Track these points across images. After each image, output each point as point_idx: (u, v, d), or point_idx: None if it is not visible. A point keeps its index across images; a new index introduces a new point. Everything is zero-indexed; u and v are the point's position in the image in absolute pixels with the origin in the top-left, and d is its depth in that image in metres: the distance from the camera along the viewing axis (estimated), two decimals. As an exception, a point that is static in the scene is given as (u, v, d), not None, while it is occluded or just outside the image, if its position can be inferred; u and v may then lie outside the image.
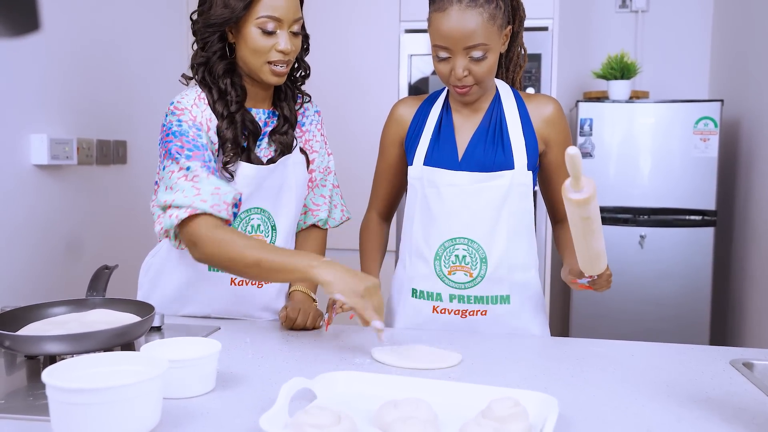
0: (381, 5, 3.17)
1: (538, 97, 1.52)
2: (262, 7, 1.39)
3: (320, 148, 1.63)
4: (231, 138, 1.42)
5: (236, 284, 1.53)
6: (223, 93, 1.45)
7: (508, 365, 1.24)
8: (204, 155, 1.38)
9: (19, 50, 2.07)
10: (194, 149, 1.38)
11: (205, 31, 1.44)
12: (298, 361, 1.24)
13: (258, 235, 1.50)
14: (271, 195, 1.51)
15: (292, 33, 1.43)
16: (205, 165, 1.37)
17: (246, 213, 1.49)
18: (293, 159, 1.54)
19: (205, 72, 1.46)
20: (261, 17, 1.39)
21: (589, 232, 1.13)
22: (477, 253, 1.45)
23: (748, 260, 3.20)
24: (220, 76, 1.45)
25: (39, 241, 2.18)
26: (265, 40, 1.40)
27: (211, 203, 1.33)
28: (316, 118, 1.64)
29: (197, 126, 1.41)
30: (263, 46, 1.40)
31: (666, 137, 3.26)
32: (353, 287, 1.23)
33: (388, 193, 1.64)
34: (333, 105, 1.74)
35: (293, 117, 1.55)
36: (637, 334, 3.19)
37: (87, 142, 2.36)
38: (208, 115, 1.44)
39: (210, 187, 1.34)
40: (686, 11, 3.77)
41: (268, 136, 1.52)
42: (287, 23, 1.41)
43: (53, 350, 1.08)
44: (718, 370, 1.22)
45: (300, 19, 1.45)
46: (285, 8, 1.40)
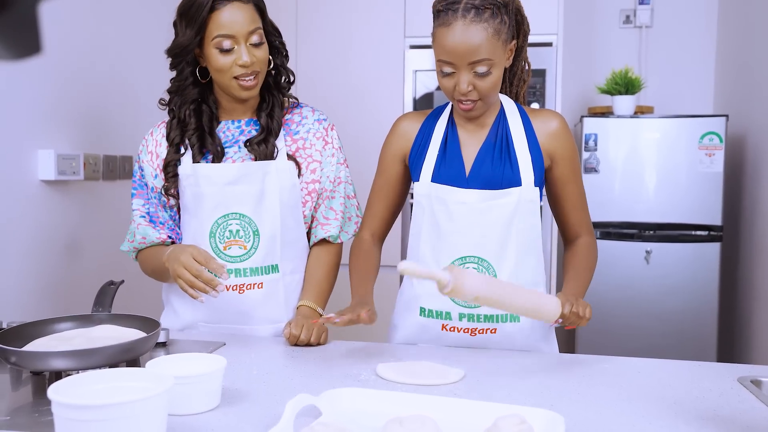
0: (386, 21, 3.19)
1: (542, 112, 1.51)
2: (213, 27, 1.46)
3: (325, 158, 1.62)
4: (172, 163, 1.56)
5: (229, 289, 1.53)
6: (181, 121, 1.57)
7: (514, 382, 1.23)
8: (146, 193, 1.62)
9: (26, 67, 2.09)
10: (138, 188, 1.63)
11: (174, 61, 1.55)
12: (303, 378, 1.23)
13: (237, 241, 1.54)
14: (251, 201, 1.54)
15: (252, 45, 1.48)
16: (148, 202, 1.61)
17: (223, 218, 1.54)
18: (276, 165, 1.55)
19: (177, 99, 1.58)
20: (215, 37, 1.47)
21: (498, 304, 1.19)
22: (487, 271, 1.44)
23: (755, 276, 3.19)
24: (186, 104, 1.57)
25: (45, 257, 2.19)
26: (225, 58, 1.47)
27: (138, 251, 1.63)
28: (316, 126, 1.63)
29: (141, 166, 1.62)
30: (224, 64, 1.48)
31: (671, 152, 3.26)
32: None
33: (384, 211, 1.59)
34: (338, 120, 1.74)
35: (276, 125, 1.58)
36: (643, 349, 3.17)
37: (94, 157, 2.38)
38: (162, 140, 1.60)
39: (139, 237, 1.60)
40: (690, 27, 3.78)
41: (244, 144, 1.57)
42: (243, 37, 1.47)
43: (59, 366, 1.08)
44: (726, 387, 1.21)
45: (258, 29, 1.49)
46: (236, 24, 1.46)
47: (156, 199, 1.60)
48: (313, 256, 1.65)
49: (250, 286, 1.55)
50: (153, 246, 1.60)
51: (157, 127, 1.64)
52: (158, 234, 1.58)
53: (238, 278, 1.54)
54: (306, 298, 1.59)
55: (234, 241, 1.54)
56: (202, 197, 1.54)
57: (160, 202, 1.60)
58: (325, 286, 1.63)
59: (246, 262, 1.54)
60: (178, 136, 1.56)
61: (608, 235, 3.29)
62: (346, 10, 3.21)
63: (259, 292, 1.56)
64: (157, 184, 1.59)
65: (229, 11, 1.45)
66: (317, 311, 1.57)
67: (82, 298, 1.92)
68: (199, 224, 1.55)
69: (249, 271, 1.55)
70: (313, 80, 3.22)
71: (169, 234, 1.59)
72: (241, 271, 1.54)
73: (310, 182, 1.61)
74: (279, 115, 1.59)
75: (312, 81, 3.21)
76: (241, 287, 1.55)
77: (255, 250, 1.55)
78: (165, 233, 1.59)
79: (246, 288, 1.55)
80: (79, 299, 2.16)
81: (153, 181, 1.60)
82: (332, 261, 1.65)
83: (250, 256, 1.54)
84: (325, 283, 1.63)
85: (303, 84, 3.15)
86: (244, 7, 1.47)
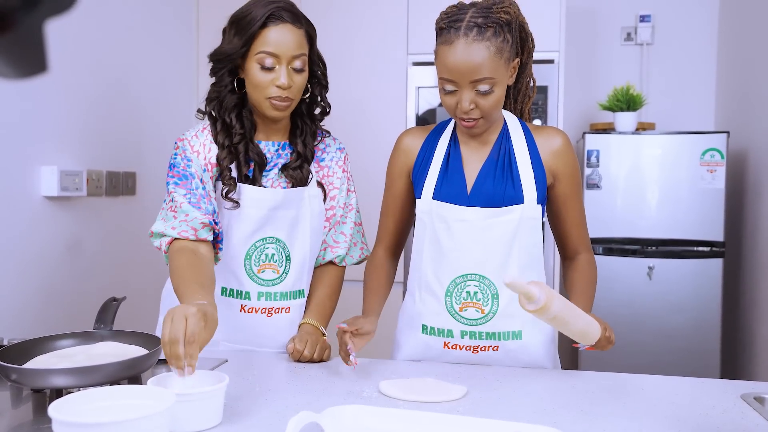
0: (389, 38, 3.21)
1: (546, 130, 1.51)
2: (260, 43, 1.45)
3: (341, 185, 1.64)
4: (228, 167, 1.50)
5: (245, 311, 1.54)
6: (226, 125, 1.52)
7: (517, 399, 1.23)
8: (190, 183, 1.48)
9: (29, 83, 2.10)
10: (182, 179, 1.49)
11: (215, 66, 1.52)
12: (305, 395, 1.23)
13: (271, 265, 1.54)
14: (286, 226, 1.55)
15: (294, 69, 1.48)
16: (190, 193, 1.47)
17: (261, 242, 1.54)
18: (309, 192, 1.57)
19: (216, 106, 1.53)
20: (260, 53, 1.45)
21: (562, 324, 1.18)
22: (488, 289, 1.44)
23: (758, 291, 3.18)
24: (228, 110, 1.52)
25: (48, 273, 2.19)
26: (264, 75, 1.46)
27: (178, 230, 1.44)
28: (338, 155, 1.66)
29: (188, 157, 1.50)
30: (262, 81, 1.46)
31: (673, 168, 3.26)
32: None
33: (396, 226, 1.60)
34: (340, 136, 1.75)
35: (309, 153, 1.59)
36: (646, 366, 3.15)
37: (97, 173, 2.39)
38: (209, 145, 1.52)
39: (181, 215, 1.45)
40: (691, 44, 3.80)
41: (281, 169, 1.55)
42: (286, 59, 1.46)
43: (59, 384, 1.08)
44: (729, 404, 1.20)
45: (302, 55, 1.49)
46: (283, 44, 1.45)
47: (202, 190, 1.48)
48: (317, 276, 1.65)
49: (278, 310, 1.57)
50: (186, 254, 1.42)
51: (200, 131, 1.55)
52: (202, 214, 1.45)
53: (269, 302, 1.55)
54: (309, 316, 1.59)
55: (268, 265, 1.55)
56: (243, 218, 1.52)
57: (206, 195, 1.48)
58: (328, 307, 1.64)
59: (278, 287, 1.56)
60: (227, 140, 1.52)
61: (611, 251, 3.29)
62: (349, 27, 3.23)
63: (287, 316, 1.58)
64: (206, 179, 1.50)
65: (280, 31, 1.45)
66: (320, 329, 1.57)
67: (84, 314, 1.92)
68: (236, 244, 1.53)
69: (279, 296, 1.56)
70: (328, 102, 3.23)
71: (214, 219, 1.47)
72: (272, 295, 1.55)
73: (329, 209, 1.63)
74: (311, 143, 1.60)
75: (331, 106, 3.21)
76: (270, 311, 1.56)
77: (286, 275, 1.56)
78: (209, 216, 1.46)
79: (275, 312, 1.56)
80: (80, 316, 2.16)
81: (202, 174, 1.50)
82: (336, 283, 1.66)
83: (282, 281, 1.56)
84: (328, 303, 1.64)
85: (305, 100, 3.17)
86: (295, 31, 1.47)
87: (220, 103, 1.53)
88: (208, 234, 1.45)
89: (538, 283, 1.10)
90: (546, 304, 1.09)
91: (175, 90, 2.96)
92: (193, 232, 1.44)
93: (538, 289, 1.08)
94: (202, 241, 1.44)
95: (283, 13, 1.46)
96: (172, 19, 2.95)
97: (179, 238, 1.44)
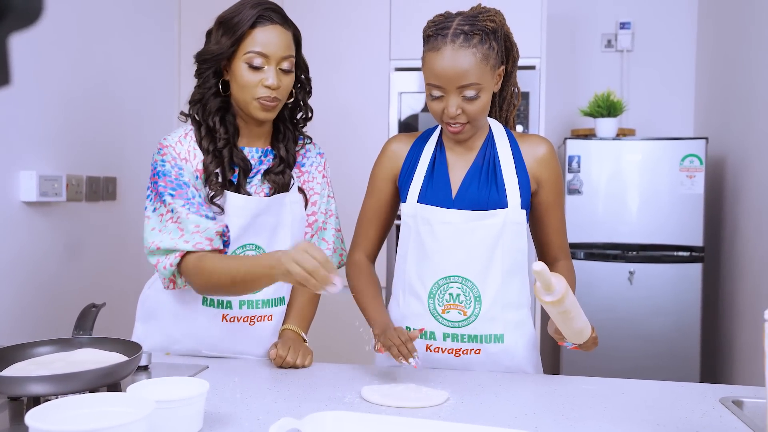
0: (371, 44, 3.22)
1: (531, 138, 1.53)
2: (249, 42, 1.45)
3: (321, 191, 1.64)
4: (215, 172, 1.47)
5: (227, 320, 1.53)
6: (211, 130, 1.50)
7: (499, 404, 1.23)
8: (187, 193, 1.44)
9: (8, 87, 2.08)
10: (177, 188, 1.45)
11: (200, 67, 1.50)
12: (286, 401, 1.23)
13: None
14: (266, 232, 1.53)
15: (282, 70, 1.47)
16: (188, 203, 1.43)
17: (241, 249, 1.52)
18: (290, 198, 1.56)
19: (199, 109, 1.52)
20: (249, 52, 1.45)
21: (568, 319, 1.25)
22: (471, 291, 1.45)
23: (736, 296, 3.22)
24: (212, 114, 1.50)
25: (26, 279, 2.16)
26: (253, 75, 1.45)
27: (193, 242, 1.41)
28: (318, 160, 1.66)
29: (179, 165, 1.47)
30: (250, 81, 1.45)
31: (653, 174, 3.30)
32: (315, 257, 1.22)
33: (378, 232, 1.60)
34: (323, 141, 1.75)
35: (291, 158, 1.58)
36: (628, 370, 3.17)
37: (76, 178, 2.36)
38: (194, 151, 1.49)
39: (191, 226, 1.41)
40: (670, 51, 3.85)
41: (263, 174, 1.54)
42: (275, 60, 1.46)
43: (37, 391, 1.06)
44: (708, 408, 1.21)
45: (290, 57, 1.49)
46: (273, 45, 1.45)
47: (199, 198, 1.45)
48: None
49: (261, 318, 1.56)
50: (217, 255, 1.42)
51: (183, 136, 1.51)
52: (214, 222, 1.43)
53: (251, 310, 1.54)
54: (290, 322, 1.59)
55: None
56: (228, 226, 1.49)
57: (203, 203, 1.46)
58: (308, 312, 1.63)
59: (258, 294, 1.54)
60: (212, 144, 1.49)
61: (592, 255, 3.31)
62: (332, 33, 3.23)
63: (269, 324, 1.57)
64: (198, 186, 1.48)
65: (270, 31, 1.45)
66: (301, 335, 1.57)
67: (63, 321, 1.90)
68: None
69: (261, 303, 1.55)
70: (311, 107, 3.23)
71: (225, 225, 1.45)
72: (254, 303, 1.54)
73: (311, 214, 1.62)
74: (293, 149, 1.60)
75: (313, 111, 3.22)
76: (252, 319, 1.55)
77: None
78: (220, 223, 1.44)
79: (257, 320, 1.55)
80: (59, 322, 2.14)
81: (195, 182, 1.47)
82: None
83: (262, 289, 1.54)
84: (308, 309, 1.63)
85: (288, 105, 3.16)
86: (284, 32, 1.47)
87: (203, 106, 1.51)
88: (220, 243, 1.44)
89: (558, 275, 1.16)
90: (562, 297, 1.16)
91: (156, 94, 2.94)
92: (209, 242, 1.41)
93: (558, 281, 1.15)
94: (215, 251, 1.43)
95: (273, 15, 1.46)
96: (153, 22, 2.94)
97: (194, 250, 1.41)
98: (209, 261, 1.39)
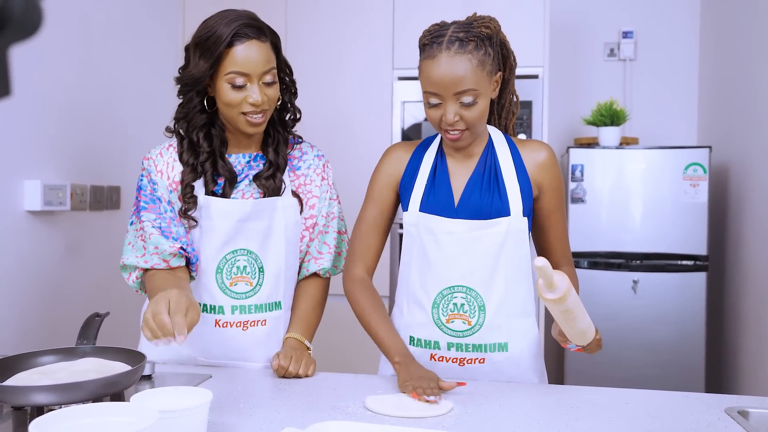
0: (374, 53, 3.23)
1: (531, 143, 1.53)
2: (228, 63, 1.44)
3: (321, 194, 1.63)
4: (190, 185, 1.50)
5: (220, 326, 1.53)
6: (193, 144, 1.53)
7: (502, 414, 1.23)
8: (159, 208, 1.51)
9: (12, 97, 2.09)
10: (150, 203, 1.52)
11: (182, 89, 1.52)
12: (290, 411, 1.22)
13: (244, 277, 1.53)
14: (258, 237, 1.53)
15: (265, 83, 1.47)
16: (159, 217, 1.50)
17: (232, 254, 1.52)
18: (282, 202, 1.55)
19: (183, 125, 1.54)
20: (229, 73, 1.45)
21: (571, 319, 1.24)
22: (475, 301, 1.45)
23: (741, 305, 3.20)
24: (196, 128, 1.53)
25: (30, 288, 2.17)
26: (236, 94, 1.46)
27: (151, 263, 1.49)
28: (315, 162, 1.64)
29: (153, 180, 1.53)
30: (234, 100, 1.46)
31: (656, 183, 3.29)
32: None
33: (379, 242, 1.55)
34: (326, 150, 1.75)
35: (282, 161, 1.58)
36: (632, 379, 3.16)
37: (81, 187, 2.37)
38: (173, 163, 1.54)
39: (151, 247, 1.48)
40: (672, 60, 3.86)
41: (252, 179, 1.55)
42: (256, 76, 1.45)
43: (40, 401, 1.06)
44: (713, 418, 1.21)
45: (272, 69, 1.48)
46: (252, 63, 1.44)
47: (171, 212, 1.51)
48: (301, 289, 1.64)
49: (254, 323, 1.55)
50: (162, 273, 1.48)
51: (165, 148, 1.56)
52: (171, 244, 1.48)
53: (243, 315, 1.54)
54: (293, 330, 1.58)
55: (241, 278, 1.53)
56: (213, 231, 1.51)
57: (175, 217, 1.51)
58: (313, 320, 1.62)
59: (251, 299, 1.54)
60: (192, 158, 1.52)
61: (595, 264, 3.30)
62: (335, 42, 3.24)
63: (263, 329, 1.56)
64: (173, 199, 1.52)
65: (247, 49, 1.44)
66: (304, 343, 1.56)
67: (67, 330, 1.90)
68: (206, 258, 1.53)
69: (254, 308, 1.55)
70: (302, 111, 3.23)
71: (182, 246, 1.49)
72: (246, 308, 1.54)
73: (309, 218, 1.62)
74: (284, 151, 1.60)
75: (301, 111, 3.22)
76: (245, 324, 1.54)
77: (260, 287, 1.54)
78: (178, 244, 1.48)
79: (250, 325, 1.55)
80: (63, 331, 2.14)
81: (169, 196, 1.52)
82: (320, 295, 1.65)
83: (255, 293, 1.54)
84: (313, 316, 1.62)
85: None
86: (262, 46, 1.46)
87: (188, 123, 1.53)
88: (180, 261, 1.49)
89: (560, 273, 1.16)
90: (564, 295, 1.16)
91: (160, 103, 2.95)
92: (165, 263, 1.48)
93: (560, 278, 1.15)
94: (176, 268, 1.49)
95: (248, 30, 1.44)
96: (157, 31, 2.95)
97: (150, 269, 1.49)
98: (152, 280, 1.48)
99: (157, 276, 1.47)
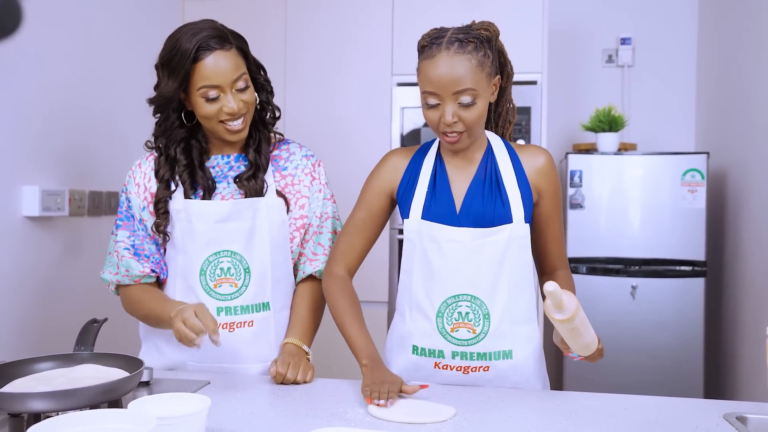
0: (374, 59, 3.23)
1: (530, 148, 1.53)
2: (198, 78, 1.45)
3: (312, 194, 1.63)
4: (163, 200, 1.54)
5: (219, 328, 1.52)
6: (170, 159, 1.55)
7: (502, 420, 1.23)
8: (132, 225, 1.57)
9: (11, 101, 2.09)
10: (125, 219, 1.58)
11: (156, 110, 1.54)
12: (289, 417, 1.22)
13: (228, 279, 1.53)
14: (242, 238, 1.53)
15: (238, 90, 1.48)
16: (133, 234, 1.56)
17: (215, 256, 1.53)
18: (266, 202, 1.55)
19: (162, 141, 1.57)
20: (201, 88, 1.46)
21: (577, 335, 1.25)
22: (480, 309, 1.44)
23: (739, 310, 3.20)
24: (175, 143, 1.55)
25: (28, 293, 2.16)
26: (211, 106, 1.47)
27: (123, 282, 1.57)
28: (304, 162, 1.64)
29: (129, 198, 1.58)
30: (210, 112, 1.48)
31: (654, 189, 3.30)
32: None
33: (364, 246, 1.54)
34: (325, 156, 1.75)
35: (264, 161, 1.58)
36: (630, 384, 3.16)
37: (79, 193, 2.37)
38: (150, 173, 1.57)
39: (122, 269, 1.55)
40: (670, 66, 3.87)
41: (233, 180, 1.56)
42: (228, 85, 1.46)
43: (37, 408, 1.06)
44: (711, 424, 1.21)
45: (243, 74, 1.49)
46: (221, 73, 1.45)
47: (143, 231, 1.56)
48: (298, 293, 1.64)
49: (241, 324, 1.54)
50: (145, 286, 1.56)
51: (145, 159, 1.61)
52: (141, 267, 1.53)
53: (229, 316, 1.53)
54: (291, 335, 1.57)
55: (225, 279, 1.53)
56: (194, 234, 1.52)
57: (147, 234, 1.56)
58: (311, 324, 1.61)
59: (237, 300, 1.53)
60: (168, 173, 1.54)
61: (594, 270, 3.30)
62: (335, 48, 3.25)
63: (250, 330, 1.55)
64: (145, 217, 1.56)
65: (213, 60, 1.44)
66: (302, 348, 1.55)
67: (65, 336, 1.90)
68: (189, 261, 1.53)
69: (240, 309, 1.54)
70: (301, 117, 3.25)
71: (153, 267, 1.55)
72: (232, 309, 1.53)
73: (299, 218, 1.61)
74: (266, 151, 1.59)
75: (300, 118, 3.23)
76: (232, 326, 1.53)
77: (246, 288, 1.54)
78: (148, 267, 1.54)
79: (237, 326, 1.54)
80: (61, 338, 2.13)
81: (141, 213, 1.56)
82: (318, 298, 1.64)
83: (241, 294, 1.54)
84: (311, 320, 1.62)
85: (291, 121, 3.17)
86: (227, 54, 1.46)
87: (167, 139, 1.56)
88: (150, 279, 1.57)
89: (569, 293, 1.17)
90: (572, 315, 1.16)
91: (159, 109, 2.95)
92: (136, 282, 1.57)
93: (569, 299, 1.16)
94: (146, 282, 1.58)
95: (211, 41, 1.45)
96: (156, 37, 2.94)
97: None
98: (134, 292, 1.56)
99: (133, 290, 1.57)
